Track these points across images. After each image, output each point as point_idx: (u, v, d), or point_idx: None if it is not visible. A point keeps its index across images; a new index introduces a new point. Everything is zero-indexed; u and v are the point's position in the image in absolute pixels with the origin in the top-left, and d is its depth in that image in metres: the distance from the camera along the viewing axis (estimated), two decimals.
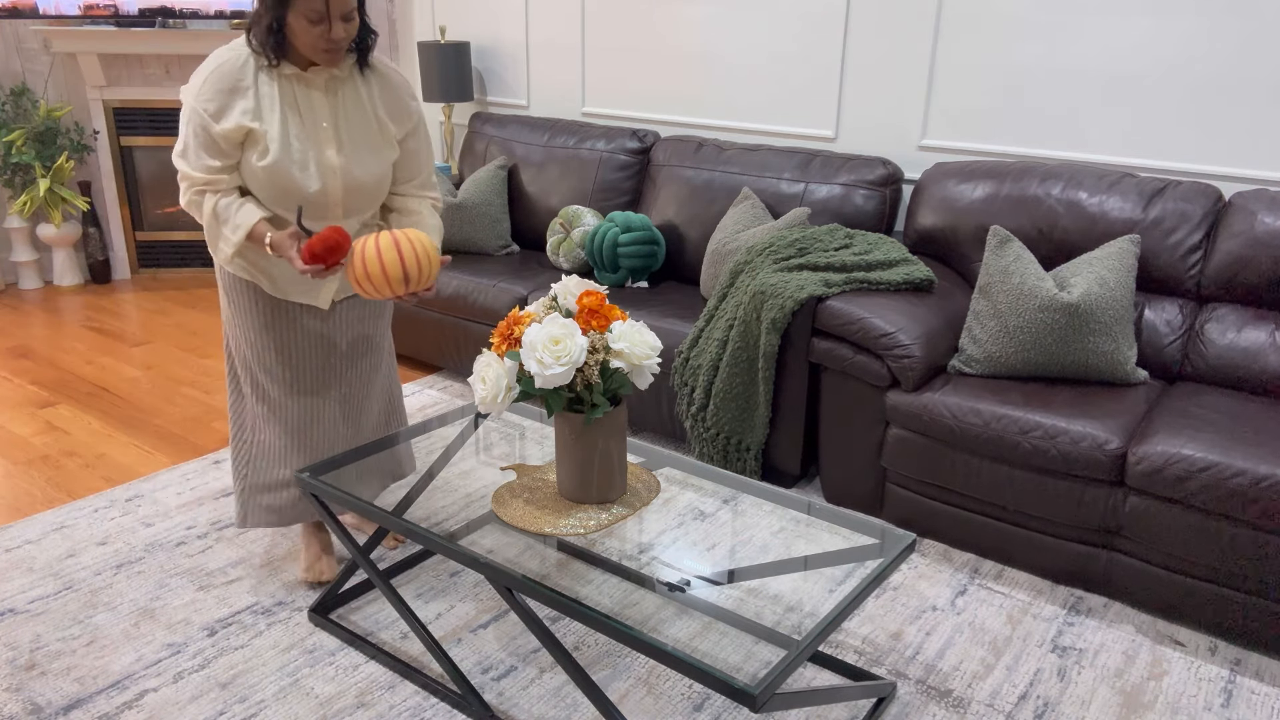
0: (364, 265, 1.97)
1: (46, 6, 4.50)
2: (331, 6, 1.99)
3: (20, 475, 3.02)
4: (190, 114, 2.05)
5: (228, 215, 2.09)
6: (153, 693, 2.07)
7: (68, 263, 4.95)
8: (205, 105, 2.03)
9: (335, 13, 2.00)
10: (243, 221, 2.08)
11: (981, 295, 2.68)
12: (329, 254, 1.99)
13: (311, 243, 1.98)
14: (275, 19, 2.00)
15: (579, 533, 1.90)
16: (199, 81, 2.04)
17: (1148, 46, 2.85)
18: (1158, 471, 2.21)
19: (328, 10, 1.98)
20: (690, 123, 3.87)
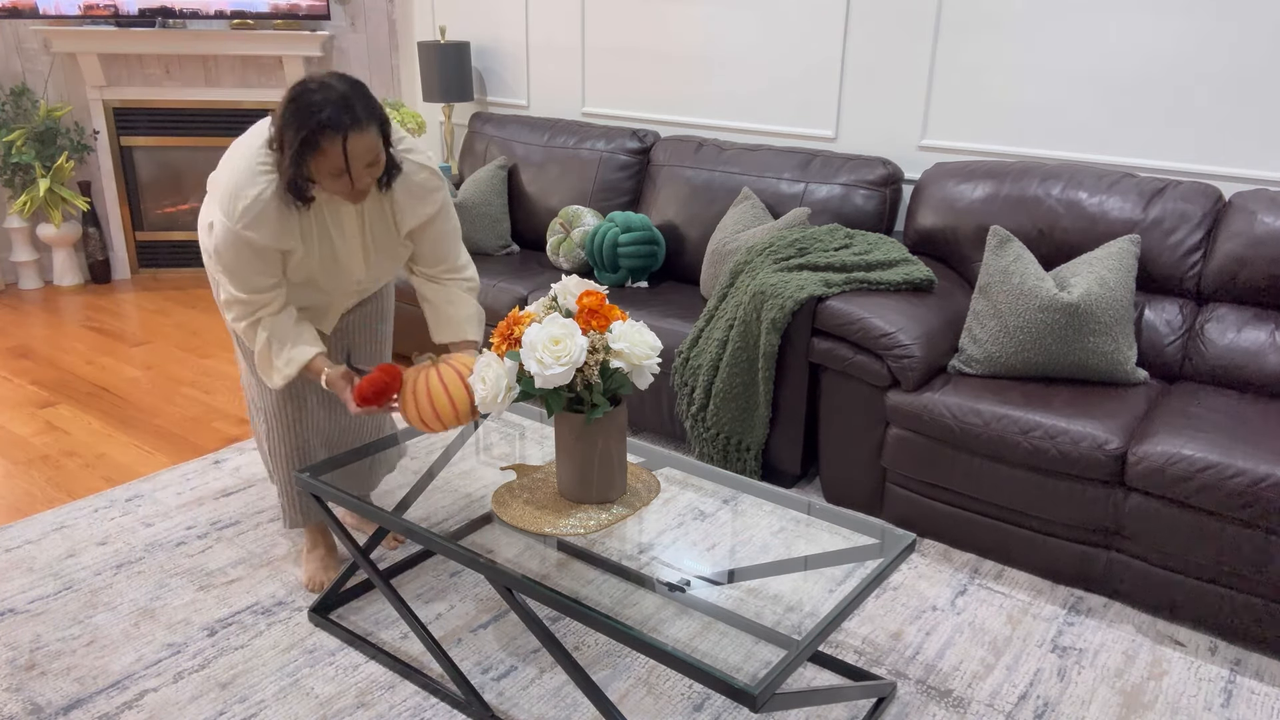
0: (418, 411, 2.01)
1: (46, 6, 4.50)
2: (351, 162, 1.92)
3: (20, 475, 3.02)
4: (231, 237, 1.99)
5: (281, 348, 2.11)
6: (153, 693, 2.07)
7: (68, 263, 4.95)
8: (246, 231, 1.98)
9: (356, 165, 1.93)
10: (298, 357, 2.11)
11: (981, 295, 2.68)
12: (379, 396, 2.04)
13: (362, 387, 2.03)
14: (297, 174, 1.94)
15: (579, 533, 1.90)
16: (237, 206, 1.97)
17: (1148, 47, 2.85)
18: (1158, 471, 2.21)
19: (347, 165, 1.92)
20: (690, 123, 3.87)
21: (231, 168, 2.00)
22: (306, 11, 4.62)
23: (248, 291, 2.06)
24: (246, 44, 4.68)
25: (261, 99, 4.84)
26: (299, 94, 1.87)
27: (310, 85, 1.88)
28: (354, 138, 1.88)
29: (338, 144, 1.87)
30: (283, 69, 4.79)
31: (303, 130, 1.86)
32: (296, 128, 1.86)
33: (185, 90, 4.80)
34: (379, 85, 4.89)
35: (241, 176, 1.97)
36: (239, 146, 2.04)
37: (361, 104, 1.90)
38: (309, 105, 1.85)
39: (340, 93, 1.88)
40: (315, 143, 1.87)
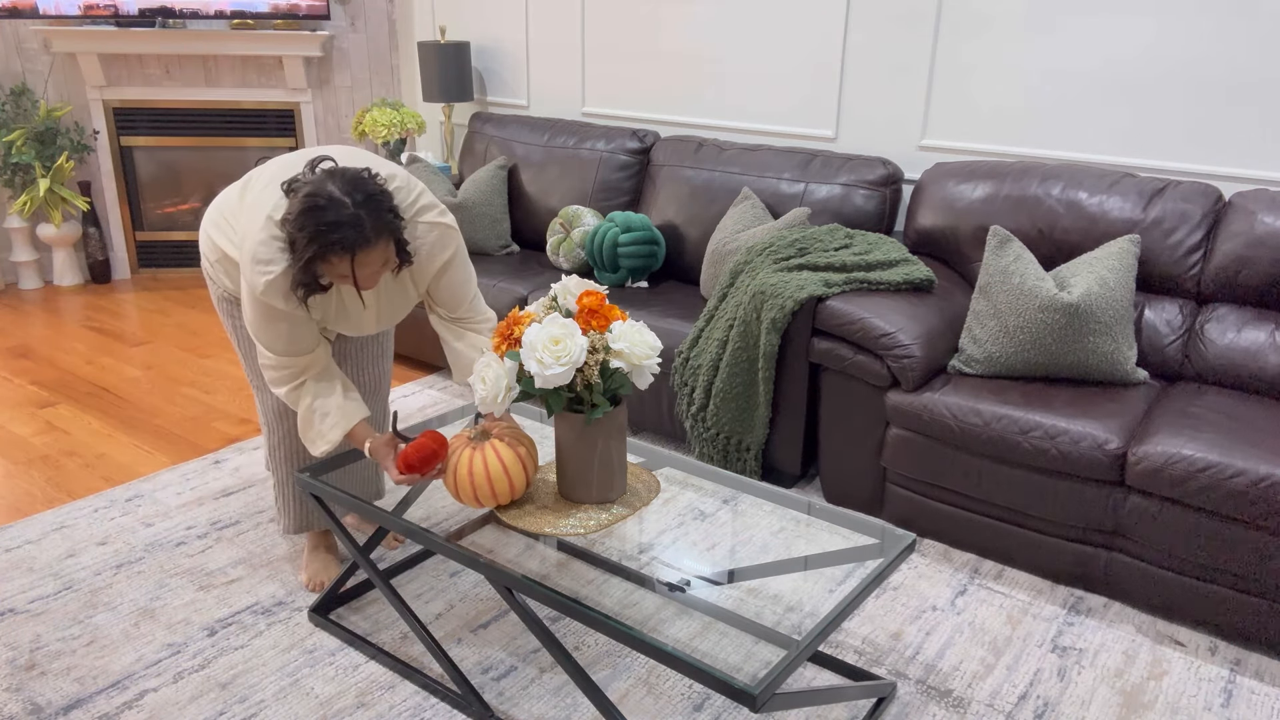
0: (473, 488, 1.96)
1: (46, 6, 4.50)
2: (358, 271, 1.90)
3: (20, 475, 3.02)
4: (261, 306, 2.00)
5: (326, 410, 2.11)
6: (153, 693, 2.07)
7: (68, 263, 4.95)
8: (276, 301, 1.97)
9: (363, 274, 1.92)
10: (342, 421, 2.11)
11: (981, 295, 2.68)
12: (424, 464, 1.99)
13: (408, 454, 1.99)
14: (307, 279, 1.92)
15: (579, 533, 1.90)
16: (260, 280, 1.95)
17: (1148, 47, 2.85)
18: (1158, 471, 2.21)
19: (354, 276, 1.91)
20: (690, 123, 3.87)
21: (250, 228, 1.98)
22: (306, 11, 4.62)
23: (286, 354, 2.06)
24: (246, 44, 4.68)
25: (261, 99, 4.84)
26: (311, 207, 1.84)
27: (321, 200, 1.84)
28: (361, 255, 1.87)
29: (346, 260, 1.87)
30: (283, 69, 4.79)
31: (311, 246, 1.84)
32: (306, 241, 1.85)
33: (185, 90, 4.80)
34: (379, 85, 4.89)
35: (259, 248, 1.95)
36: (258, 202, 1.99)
37: (373, 221, 1.86)
38: (319, 224, 1.83)
39: (351, 212, 1.84)
40: (324, 257, 1.87)
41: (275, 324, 2.03)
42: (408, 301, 2.23)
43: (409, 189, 2.06)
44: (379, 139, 4.45)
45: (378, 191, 1.90)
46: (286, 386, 2.11)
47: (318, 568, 2.45)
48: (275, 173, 2.04)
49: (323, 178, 1.88)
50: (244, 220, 2.03)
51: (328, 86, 4.89)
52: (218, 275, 2.21)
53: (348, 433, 2.12)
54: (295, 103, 4.87)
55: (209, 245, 2.18)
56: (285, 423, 2.34)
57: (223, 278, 2.20)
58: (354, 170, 1.90)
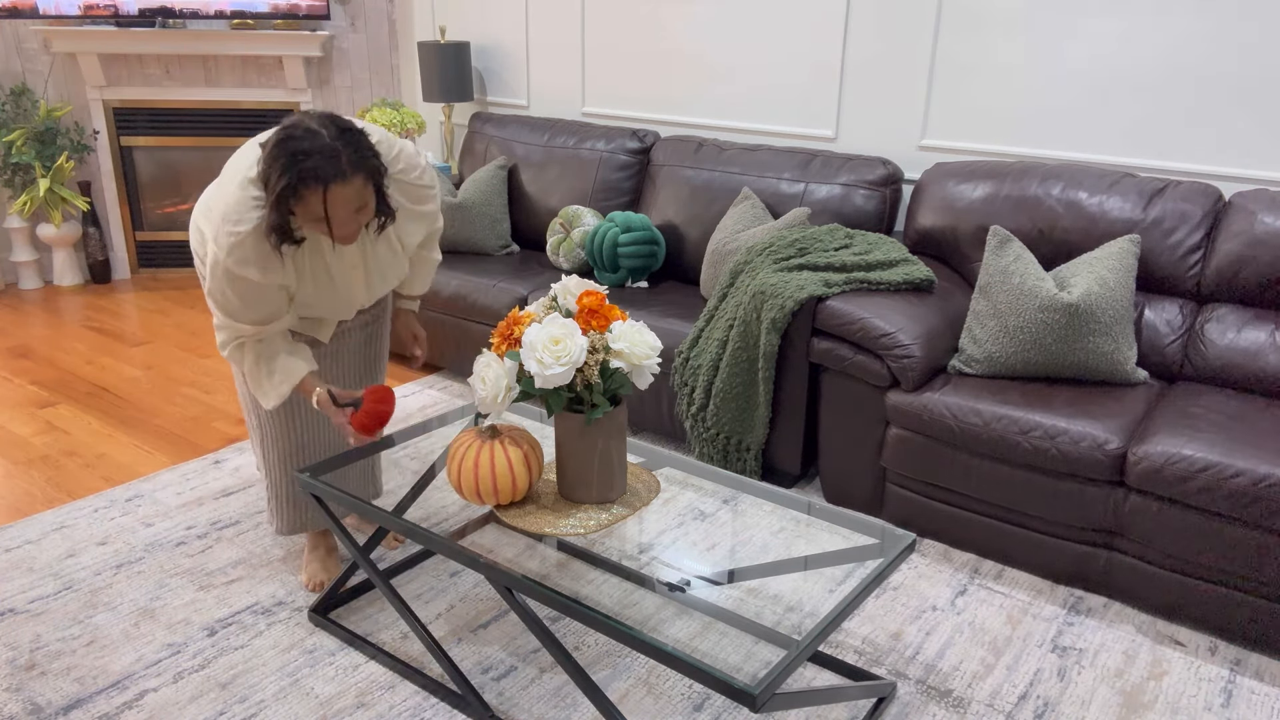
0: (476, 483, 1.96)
1: (46, 6, 4.50)
2: (331, 213, 1.84)
3: (20, 475, 3.02)
4: (222, 270, 1.94)
5: (273, 366, 2.07)
6: (153, 693, 2.07)
7: (68, 263, 4.95)
8: (237, 268, 1.92)
9: (337, 215, 1.85)
10: (291, 373, 2.07)
11: (981, 295, 2.68)
12: (378, 425, 2.05)
13: (362, 419, 2.02)
14: (279, 221, 1.87)
15: (579, 533, 1.90)
16: (228, 241, 1.90)
17: (1148, 46, 2.85)
18: (1158, 471, 2.21)
19: (326, 216, 1.85)
20: (690, 123, 3.87)
21: (222, 192, 1.93)
22: (306, 11, 4.62)
23: (250, 323, 2.02)
24: (246, 44, 4.68)
25: (261, 99, 4.84)
26: (285, 138, 1.80)
27: (297, 131, 1.80)
28: (335, 189, 1.81)
29: (318, 194, 1.81)
30: (283, 69, 4.79)
31: (285, 177, 1.79)
32: (279, 173, 1.80)
33: (185, 90, 4.80)
34: (379, 85, 4.89)
35: (233, 210, 1.90)
36: (233, 168, 1.97)
37: (350, 155, 1.82)
38: (293, 153, 1.79)
39: (327, 143, 1.79)
40: (296, 191, 1.80)
41: (228, 287, 1.95)
42: (397, 263, 2.18)
43: (388, 144, 2.05)
44: None
45: (356, 129, 1.85)
46: (231, 346, 2.06)
47: (316, 568, 2.45)
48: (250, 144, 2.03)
49: (299, 115, 1.86)
50: (219, 191, 1.97)
51: (328, 86, 4.89)
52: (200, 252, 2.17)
53: (295, 385, 2.09)
54: (295, 103, 4.87)
55: (198, 239, 2.14)
56: (277, 424, 2.31)
57: None
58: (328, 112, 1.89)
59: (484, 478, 1.94)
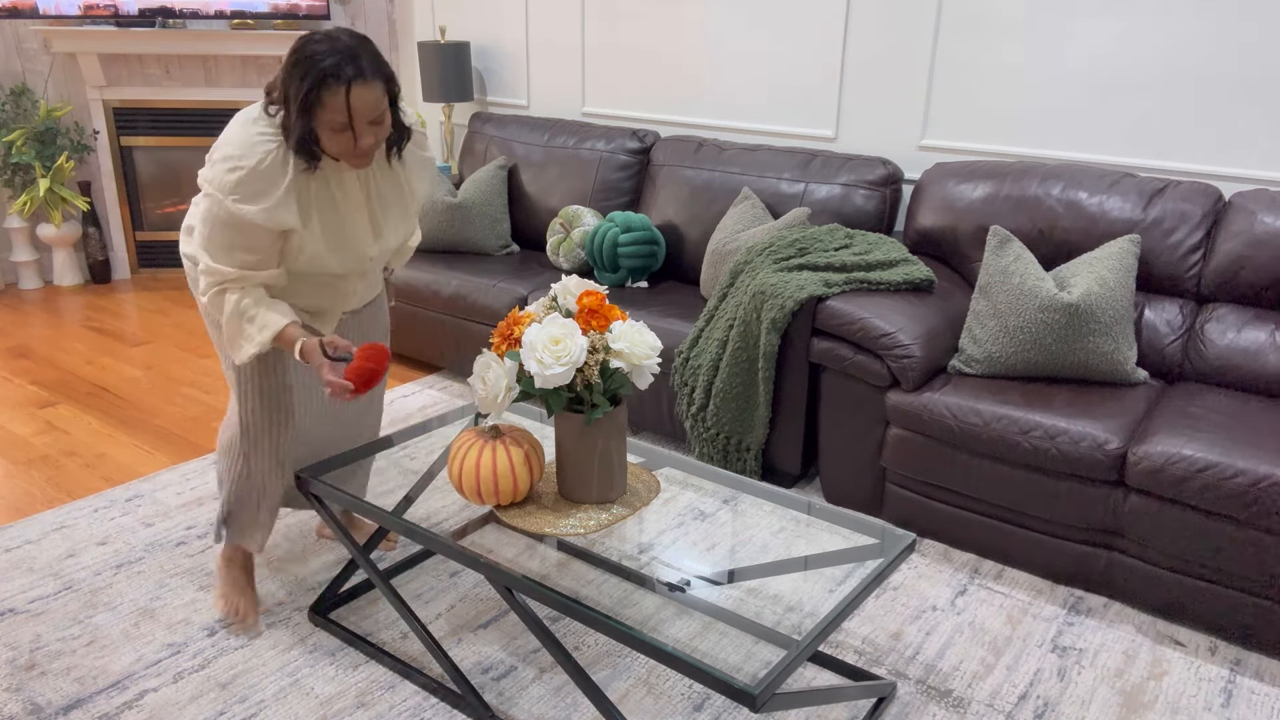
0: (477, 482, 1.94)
1: (46, 6, 4.50)
2: (355, 116, 1.84)
3: (20, 475, 3.02)
4: (221, 210, 1.89)
5: (254, 313, 1.97)
6: (153, 693, 2.07)
7: (68, 263, 4.95)
8: (241, 205, 1.87)
9: (360, 120, 1.85)
10: (271, 322, 1.97)
11: (981, 295, 2.68)
12: (367, 385, 1.95)
13: (352, 376, 1.93)
14: (304, 131, 1.85)
15: (579, 533, 1.90)
16: (231, 178, 1.87)
17: (1148, 47, 2.85)
18: (1158, 471, 2.21)
19: (350, 120, 1.84)
20: (690, 123, 3.87)
21: (227, 139, 1.91)
22: (306, 11, 4.62)
23: (234, 265, 1.94)
24: (246, 44, 4.68)
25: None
26: (302, 44, 1.81)
27: (315, 37, 1.82)
28: (357, 90, 1.81)
29: (340, 96, 1.80)
30: None
31: (306, 80, 1.79)
32: (300, 78, 1.80)
33: (185, 90, 4.80)
34: None
35: (237, 147, 1.87)
36: (233, 123, 1.95)
37: (368, 58, 1.83)
38: (312, 55, 1.79)
39: (345, 44, 1.82)
40: (318, 95, 1.80)
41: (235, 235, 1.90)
42: (403, 208, 2.13)
43: None
44: None
45: (369, 39, 1.87)
46: (214, 290, 1.97)
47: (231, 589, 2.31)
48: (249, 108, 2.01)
49: (309, 30, 1.88)
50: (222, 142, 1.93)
51: None
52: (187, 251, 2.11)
53: (277, 334, 1.98)
54: None
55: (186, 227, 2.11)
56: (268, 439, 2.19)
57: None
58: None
59: (485, 478, 1.93)
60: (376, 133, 1.89)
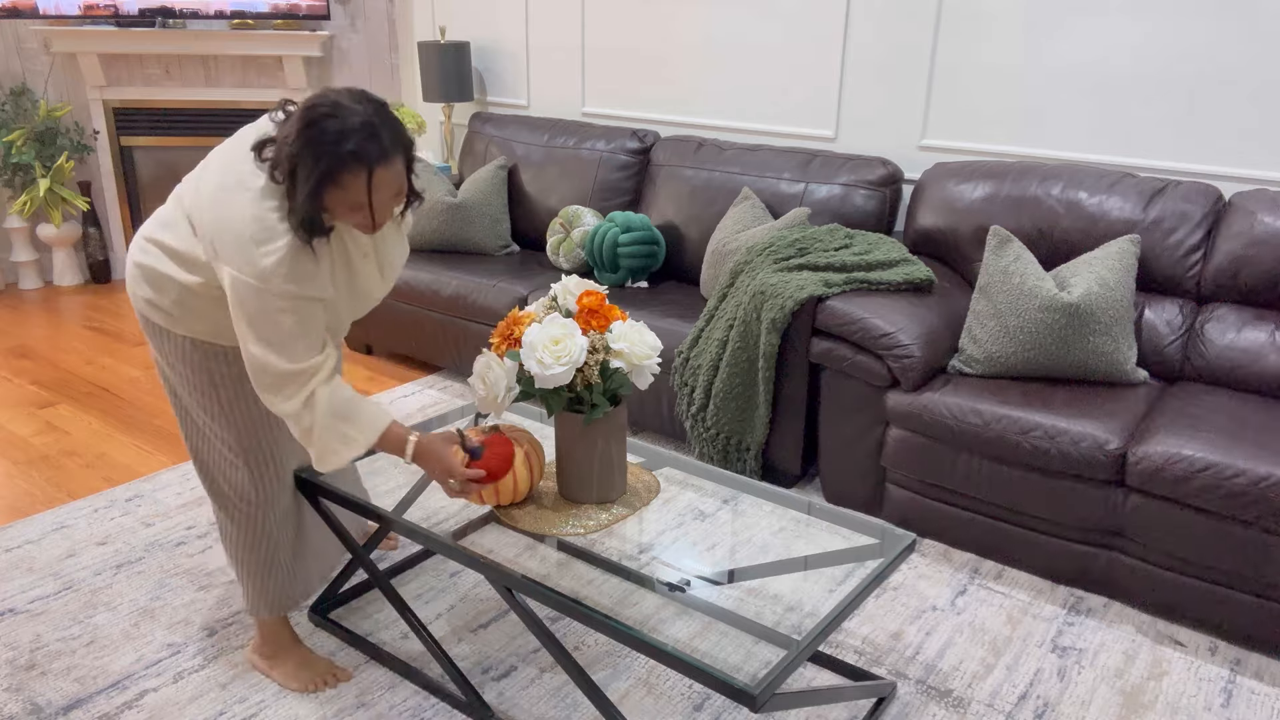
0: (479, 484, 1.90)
1: (46, 6, 4.50)
2: (375, 198, 1.66)
3: (20, 475, 3.02)
4: (275, 302, 1.67)
5: (350, 412, 1.77)
6: (153, 693, 2.07)
7: (68, 263, 4.95)
8: (293, 286, 1.68)
9: (379, 200, 1.67)
10: (375, 418, 1.80)
11: (981, 295, 2.68)
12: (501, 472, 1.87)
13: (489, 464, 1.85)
14: (314, 213, 1.67)
15: (579, 533, 1.90)
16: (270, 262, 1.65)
17: (1148, 46, 2.85)
18: (1158, 471, 2.21)
19: (370, 202, 1.66)
20: (690, 123, 3.87)
21: (239, 221, 1.67)
22: (306, 11, 4.62)
23: (315, 354, 1.74)
24: (246, 44, 4.68)
25: (261, 99, 4.84)
26: (314, 119, 1.61)
27: (326, 108, 1.61)
28: (380, 171, 1.63)
29: (361, 179, 1.62)
30: (283, 69, 4.79)
31: (321, 163, 1.60)
32: (314, 159, 1.60)
33: (185, 90, 4.80)
34: (379, 85, 4.89)
35: (260, 229, 1.66)
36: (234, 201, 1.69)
37: (388, 132, 1.64)
38: (327, 134, 1.60)
39: (364, 118, 1.61)
40: (335, 177, 1.61)
41: (283, 317, 1.69)
42: (401, 245, 1.99)
43: None
44: None
45: (384, 103, 1.67)
46: (299, 399, 1.73)
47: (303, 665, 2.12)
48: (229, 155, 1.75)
49: (321, 92, 1.64)
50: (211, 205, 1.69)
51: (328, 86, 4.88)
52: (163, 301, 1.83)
53: (382, 434, 1.80)
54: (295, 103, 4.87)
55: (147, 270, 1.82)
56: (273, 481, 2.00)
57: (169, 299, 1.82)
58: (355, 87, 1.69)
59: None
60: (396, 204, 1.73)
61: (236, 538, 2.02)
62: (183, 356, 1.88)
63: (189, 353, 1.87)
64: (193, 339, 1.86)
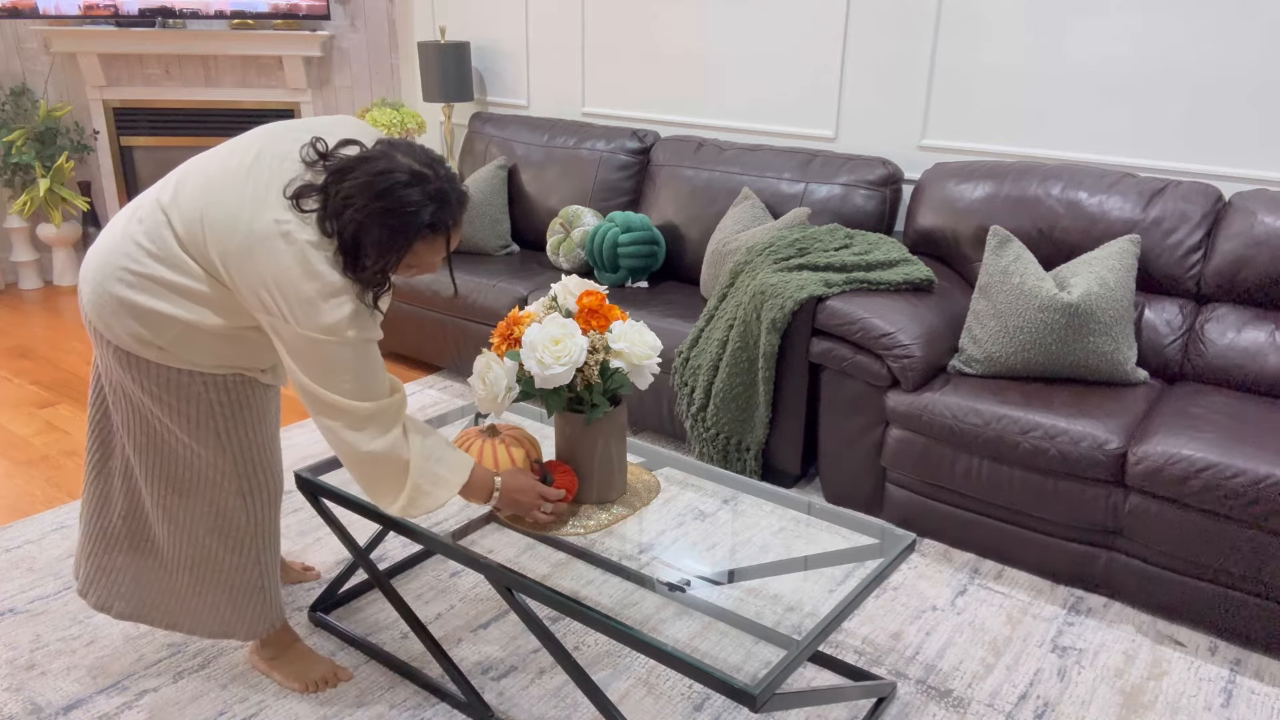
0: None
1: (46, 6, 4.50)
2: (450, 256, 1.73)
3: (20, 475, 3.02)
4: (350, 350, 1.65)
5: (441, 452, 1.76)
6: (153, 693, 2.07)
7: (68, 263, 4.95)
8: (368, 333, 1.67)
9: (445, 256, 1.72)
10: (461, 462, 1.79)
11: (981, 295, 2.68)
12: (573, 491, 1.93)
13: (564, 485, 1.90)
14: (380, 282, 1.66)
15: (579, 533, 1.90)
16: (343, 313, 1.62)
17: (1148, 46, 2.85)
18: (1158, 471, 2.21)
19: (448, 260, 1.75)
20: (690, 123, 3.87)
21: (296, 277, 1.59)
22: (306, 11, 4.62)
23: (380, 397, 1.70)
24: (246, 44, 4.68)
25: (261, 99, 4.84)
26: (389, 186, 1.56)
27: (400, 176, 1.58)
28: (454, 235, 1.68)
29: (439, 245, 1.65)
30: (283, 69, 4.79)
31: (400, 236, 1.59)
32: (391, 232, 1.58)
33: (185, 90, 4.80)
34: (379, 85, 4.89)
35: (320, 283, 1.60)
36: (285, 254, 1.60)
37: (455, 193, 1.65)
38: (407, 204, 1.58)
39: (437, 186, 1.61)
40: (412, 247, 1.62)
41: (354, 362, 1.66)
42: None
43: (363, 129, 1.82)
44: None
45: (440, 156, 1.67)
46: (391, 435, 1.71)
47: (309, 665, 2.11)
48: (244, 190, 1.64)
49: (384, 152, 1.61)
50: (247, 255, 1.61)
51: (328, 86, 4.89)
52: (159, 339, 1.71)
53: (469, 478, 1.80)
54: (295, 103, 4.87)
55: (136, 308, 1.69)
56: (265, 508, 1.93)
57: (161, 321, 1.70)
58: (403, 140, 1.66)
59: None
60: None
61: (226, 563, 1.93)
62: (170, 387, 1.76)
63: (181, 384, 1.76)
64: (189, 370, 1.76)
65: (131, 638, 2.25)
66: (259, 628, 2.01)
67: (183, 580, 1.95)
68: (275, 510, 1.97)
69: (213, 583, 1.95)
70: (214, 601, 1.97)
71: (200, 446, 1.82)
